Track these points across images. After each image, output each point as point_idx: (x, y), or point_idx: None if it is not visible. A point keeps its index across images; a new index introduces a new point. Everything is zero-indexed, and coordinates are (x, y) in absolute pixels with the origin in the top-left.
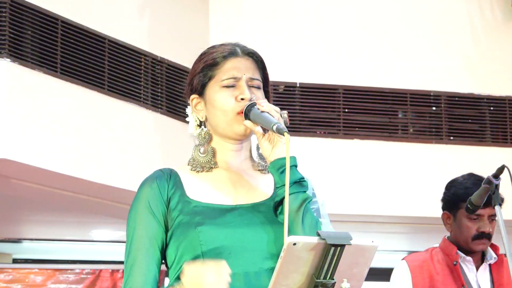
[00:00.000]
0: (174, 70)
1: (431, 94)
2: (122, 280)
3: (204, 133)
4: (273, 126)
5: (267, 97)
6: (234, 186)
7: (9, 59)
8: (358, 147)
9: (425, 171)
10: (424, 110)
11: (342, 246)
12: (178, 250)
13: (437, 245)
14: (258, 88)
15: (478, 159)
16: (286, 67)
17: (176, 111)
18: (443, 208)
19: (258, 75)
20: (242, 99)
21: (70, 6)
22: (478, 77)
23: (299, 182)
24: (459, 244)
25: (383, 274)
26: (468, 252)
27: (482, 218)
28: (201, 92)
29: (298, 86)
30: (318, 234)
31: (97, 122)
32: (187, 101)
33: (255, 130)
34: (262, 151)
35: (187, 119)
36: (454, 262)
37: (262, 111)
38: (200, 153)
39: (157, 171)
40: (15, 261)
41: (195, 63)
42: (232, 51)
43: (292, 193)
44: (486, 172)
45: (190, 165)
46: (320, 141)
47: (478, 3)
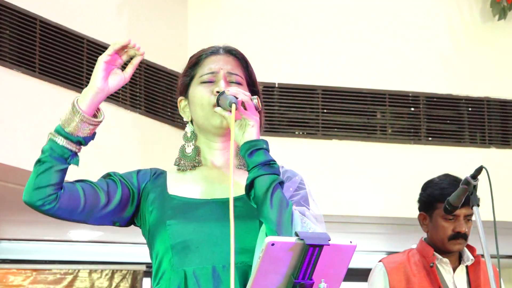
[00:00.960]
0: (153, 70)
1: (410, 94)
2: (100, 280)
3: (189, 132)
4: (228, 102)
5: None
6: (213, 182)
7: None
8: (337, 148)
9: (403, 172)
10: (402, 111)
11: (321, 247)
12: (153, 244)
13: (414, 246)
14: (239, 84)
15: (456, 160)
16: (265, 68)
17: (154, 111)
18: (420, 209)
19: (239, 72)
20: (218, 92)
21: (49, 6)
22: (456, 78)
23: (269, 164)
24: (436, 244)
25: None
26: (445, 253)
27: (458, 218)
28: (186, 92)
29: (277, 86)
30: (297, 235)
31: None
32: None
33: (226, 116)
34: (235, 138)
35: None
36: (431, 264)
37: (228, 94)
38: (185, 152)
39: (146, 168)
40: None
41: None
42: (213, 50)
43: (261, 174)
44: (464, 172)
45: (176, 164)
46: (298, 141)
47: (457, 4)
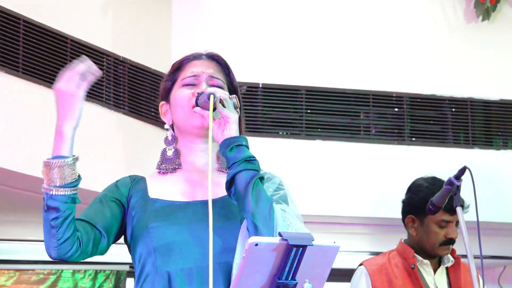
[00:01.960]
0: (137, 70)
1: (393, 95)
2: (83, 280)
3: (170, 136)
4: (205, 96)
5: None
6: (194, 184)
7: None
8: (320, 148)
9: (387, 172)
10: (386, 111)
11: (304, 247)
12: (136, 248)
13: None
14: (220, 87)
15: (440, 160)
16: (249, 68)
17: (138, 112)
18: (408, 211)
19: (220, 77)
20: (198, 93)
21: (33, 5)
22: (440, 78)
23: (249, 160)
24: (424, 248)
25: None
26: (429, 256)
27: (450, 224)
28: (167, 97)
29: (260, 86)
30: (280, 235)
31: None
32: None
33: (205, 115)
34: (214, 137)
35: (166, 127)
36: (412, 266)
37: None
38: (166, 155)
39: (124, 177)
40: None
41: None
42: (196, 55)
43: (241, 170)
44: (447, 173)
45: (157, 168)
46: (282, 141)
47: (441, 5)
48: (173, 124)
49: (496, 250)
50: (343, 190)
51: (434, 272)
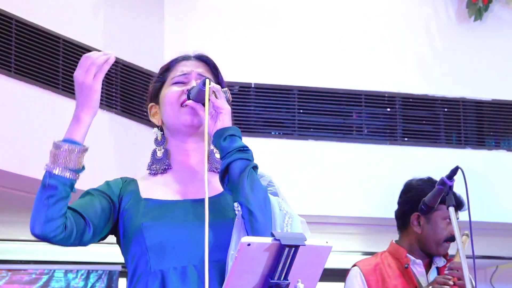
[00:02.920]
0: (129, 70)
1: (386, 95)
2: (76, 280)
3: (159, 136)
4: (200, 82)
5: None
6: (185, 183)
7: None
8: (313, 148)
9: (379, 172)
10: (378, 111)
11: (297, 247)
12: (128, 248)
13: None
14: None
15: (432, 160)
16: (241, 68)
17: (130, 111)
18: (413, 209)
19: (209, 76)
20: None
21: (25, 5)
22: (432, 78)
23: (242, 150)
24: (428, 245)
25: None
26: (427, 254)
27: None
28: (156, 98)
29: (253, 86)
30: (273, 235)
31: (51, 122)
32: (148, 112)
33: (197, 107)
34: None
35: (153, 131)
36: (406, 265)
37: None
38: (156, 156)
39: (115, 178)
40: None
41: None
42: (184, 56)
43: (236, 159)
44: (440, 173)
45: (148, 169)
46: (274, 141)
47: (433, 5)
48: (162, 124)
49: (488, 250)
50: (336, 190)
51: (426, 272)
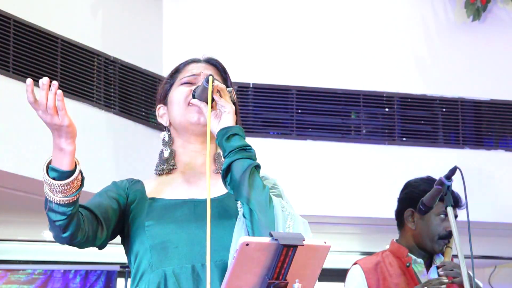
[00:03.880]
0: (127, 70)
1: (384, 95)
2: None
3: (166, 137)
4: (204, 80)
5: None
6: (190, 184)
7: None
8: (311, 148)
9: (377, 172)
10: (376, 111)
11: (295, 247)
12: (132, 247)
13: (387, 246)
14: None
15: (430, 160)
16: (240, 68)
17: (129, 111)
18: (408, 205)
19: (218, 78)
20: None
21: (23, 5)
22: (430, 78)
23: (245, 149)
24: (423, 242)
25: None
26: (424, 252)
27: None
28: (165, 99)
29: (251, 86)
30: (271, 235)
31: None
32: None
33: (202, 106)
34: (211, 128)
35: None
36: (407, 264)
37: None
38: (163, 156)
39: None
40: None
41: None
42: (194, 59)
43: (238, 158)
44: (438, 173)
45: (155, 170)
46: (273, 141)
47: (432, 4)
48: (169, 125)
49: (486, 250)
50: (334, 190)
51: (427, 271)
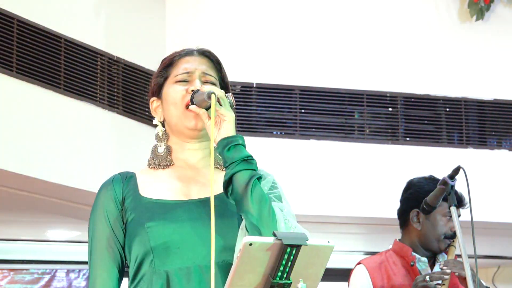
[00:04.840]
0: (131, 69)
1: (388, 95)
2: (77, 280)
3: (161, 132)
4: (205, 94)
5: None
6: (188, 182)
7: None
8: (315, 148)
9: (381, 172)
10: (380, 111)
11: (298, 247)
12: (131, 247)
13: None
14: (213, 84)
15: (434, 160)
16: (243, 68)
17: (132, 111)
18: (413, 206)
19: (213, 73)
20: (193, 91)
21: (26, 5)
22: (434, 78)
23: (247, 160)
24: (428, 241)
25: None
26: (429, 252)
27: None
28: (158, 93)
29: (254, 86)
30: (275, 235)
31: (53, 122)
32: (150, 106)
33: (201, 113)
34: (210, 135)
35: (154, 122)
36: (412, 263)
37: (202, 91)
38: (157, 152)
39: (115, 174)
40: None
41: (157, 69)
42: (187, 51)
43: (240, 170)
44: (442, 173)
45: (148, 164)
46: (276, 141)
47: (435, 4)
48: (164, 121)
49: (490, 250)
50: (338, 190)
51: (431, 270)
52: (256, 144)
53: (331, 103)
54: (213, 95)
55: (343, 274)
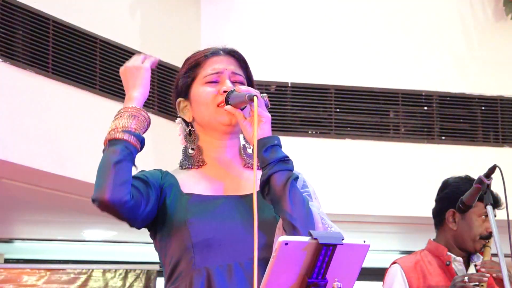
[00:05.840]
0: (166, 69)
1: (423, 94)
2: (114, 280)
3: (191, 133)
4: (245, 96)
5: None
6: (223, 180)
7: (0, 59)
8: (350, 147)
9: (416, 171)
10: (415, 110)
11: (334, 246)
12: (168, 245)
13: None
14: (242, 83)
15: (469, 159)
16: (278, 67)
17: (168, 111)
18: (449, 206)
19: (240, 72)
20: (225, 92)
21: (62, 6)
22: (469, 76)
23: (284, 160)
24: (464, 241)
25: (375, 274)
26: (464, 252)
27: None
28: (186, 94)
29: (289, 86)
30: (310, 234)
31: (88, 122)
32: (175, 106)
33: (237, 113)
34: (245, 135)
35: (176, 121)
36: (447, 262)
37: (240, 92)
38: (188, 152)
39: (150, 170)
40: (7, 261)
41: (180, 68)
42: (213, 51)
43: (277, 170)
44: (477, 172)
45: (180, 166)
46: (311, 141)
47: (470, 3)
48: (193, 121)
49: None
50: (373, 189)
51: (466, 270)
52: (291, 143)
53: (366, 102)
54: (255, 97)
55: (379, 274)
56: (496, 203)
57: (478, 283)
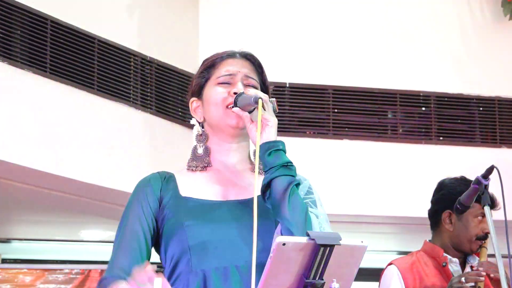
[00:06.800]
0: (164, 70)
1: (421, 94)
2: None
3: (200, 133)
4: (252, 99)
5: None
6: (226, 184)
7: None
8: (348, 147)
9: (414, 172)
10: (413, 111)
11: (332, 246)
12: (168, 246)
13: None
14: (254, 87)
15: (467, 160)
16: (276, 68)
17: (165, 111)
18: (445, 207)
19: (255, 76)
20: (235, 93)
21: (60, 6)
22: (467, 77)
23: (287, 166)
24: (460, 242)
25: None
26: (460, 253)
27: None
28: (199, 94)
29: (287, 86)
30: (308, 234)
31: (86, 122)
32: (189, 106)
33: (244, 116)
34: (251, 138)
35: (191, 121)
36: (443, 263)
37: (248, 94)
38: (196, 153)
39: (154, 173)
40: (4, 261)
41: (198, 69)
42: (230, 54)
43: (279, 175)
44: (475, 172)
45: (187, 165)
46: (309, 141)
47: (468, 4)
48: (204, 121)
49: None
50: (370, 190)
51: (462, 271)
52: (289, 144)
53: (364, 103)
54: (260, 100)
55: (376, 274)
56: (492, 204)
57: (475, 284)
